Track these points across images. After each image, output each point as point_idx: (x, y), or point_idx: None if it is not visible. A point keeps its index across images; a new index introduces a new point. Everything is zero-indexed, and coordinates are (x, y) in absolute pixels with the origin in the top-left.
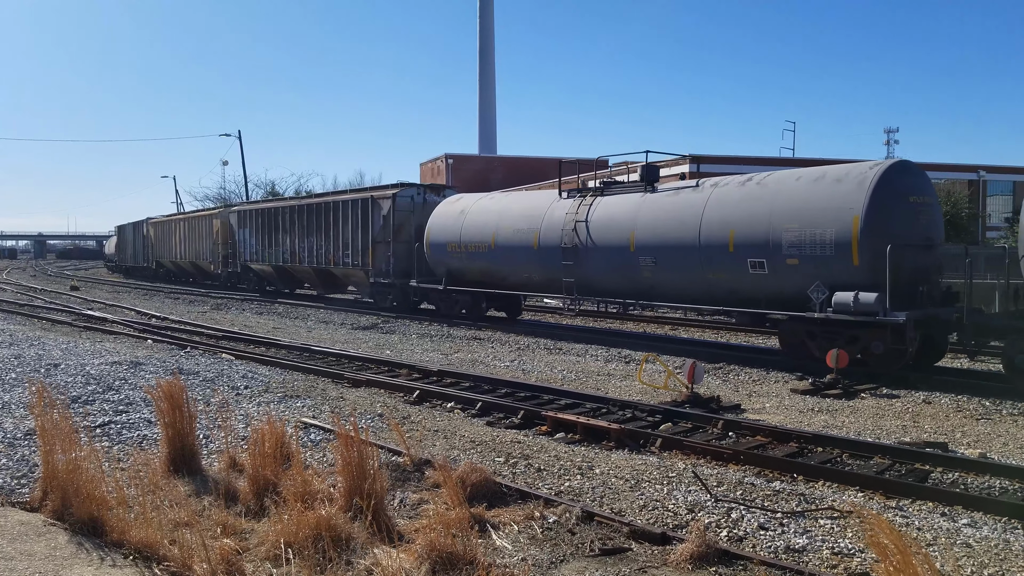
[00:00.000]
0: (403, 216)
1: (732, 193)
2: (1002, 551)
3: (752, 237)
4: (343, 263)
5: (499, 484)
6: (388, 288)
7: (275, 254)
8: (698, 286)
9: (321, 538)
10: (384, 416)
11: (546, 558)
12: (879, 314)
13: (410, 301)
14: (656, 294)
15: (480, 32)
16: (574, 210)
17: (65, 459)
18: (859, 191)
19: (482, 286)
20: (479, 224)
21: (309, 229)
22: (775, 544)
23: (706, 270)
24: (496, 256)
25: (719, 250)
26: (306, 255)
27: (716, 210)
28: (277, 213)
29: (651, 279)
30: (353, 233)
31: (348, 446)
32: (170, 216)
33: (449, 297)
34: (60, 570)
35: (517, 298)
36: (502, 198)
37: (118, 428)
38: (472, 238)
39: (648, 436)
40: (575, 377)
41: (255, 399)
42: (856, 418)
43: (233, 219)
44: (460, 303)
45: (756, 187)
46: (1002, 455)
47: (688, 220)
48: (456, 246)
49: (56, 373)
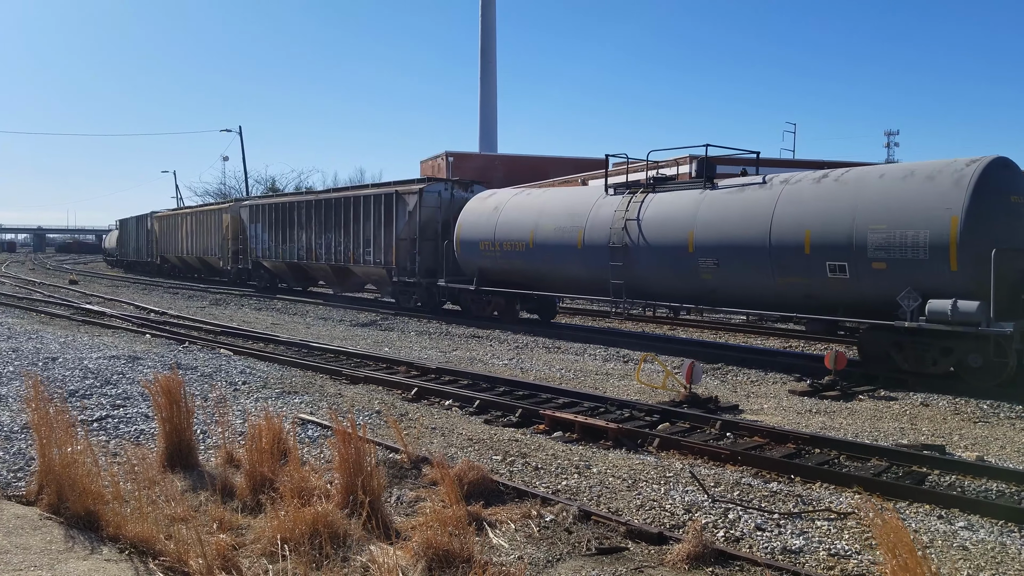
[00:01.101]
0: (430, 212)
1: (806, 190)
2: (998, 554)
3: (832, 238)
4: (363, 260)
5: (496, 482)
6: (412, 287)
7: (289, 250)
8: (766, 290)
9: (318, 534)
10: (382, 413)
11: (543, 557)
12: (981, 324)
13: (436, 301)
14: (716, 298)
15: (482, 30)
16: (623, 207)
17: (61, 453)
18: (957, 189)
19: (516, 287)
20: (515, 221)
21: (327, 225)
22: (772, 545)
23: (776, 273)
24: (534, 255)
25: (792, 252)
26: (323, 252)
27: (789, 208)
28: (292, 208)
29: (712, 282)
30: (375, 230)
31: (345, 443)
32: (176, 210)
33: (480, 298)
34: (55, 564)
35: (551, 300)
36: (540, 194)
37: (115, 422)
38: (507, 236)
39: (646, 436)
40: (573, 376)
41: (253, 395)
42: (854, 420)
43: (244, 214)
44: (492, 304)
45: (834, 184)
46: (999, 458)
47: (756, 219)
48: (489, 244)
49: (54, 367)
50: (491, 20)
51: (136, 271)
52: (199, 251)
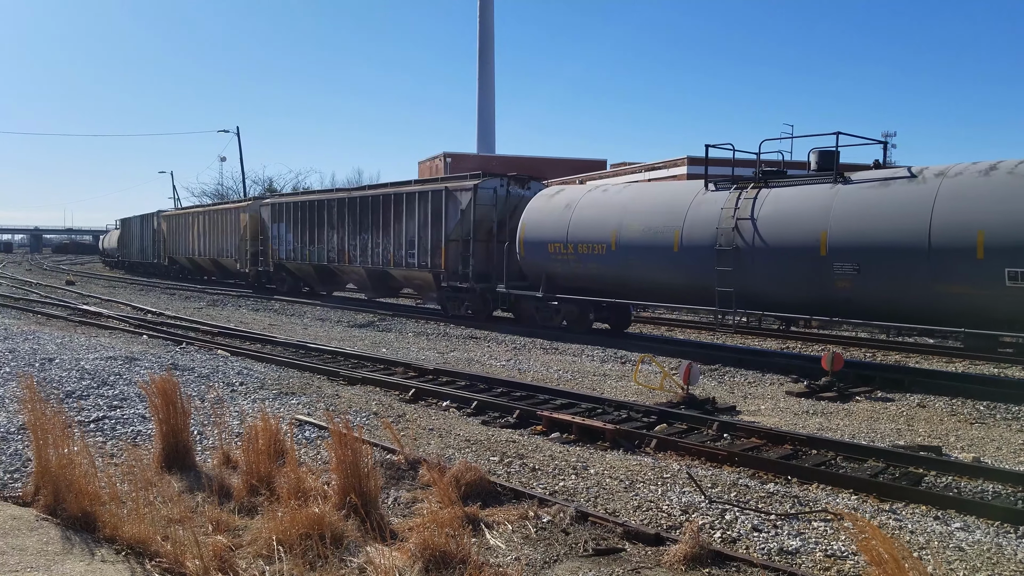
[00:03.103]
0: (484, 211)
1: (975, 185)
2: (994, 555)
3: (1016, 241)
4: (405, 264)
5: (494, 483)
6: (464, 293)
7: (317, 252)
8: (918, 300)
9: (314, 536)
10: (379, 414)
11: (540, 558)
12: None
13: (490, 308)
14: (851, 309)
15: (480, 31)
16: (731, 205)
17: (57, 454)
18: None
19: (590, 293)
20: (593, 220)
21: (362, 225)
22: (768, 546)
23: (936, 281)
24: (617, 259)
25: (959, 256)
26: (357, 254)
27: (953, 206)
28: (322, 206)
29: (848, 291)
30: (420, 230)
31: (342, 444)
32: (187, 209)
33: (547, 306)
34: (52, 565)
35: (626, 308)
36: (621, 190)
37: (112, 423)
38: (584, 237)
39: (643, 437)
40: (571, 377)
41: (250, 396)
42: (851, 421)
43: (266, 213)
44: (562, 313)
45: (1010, 178)
46: (995, 459)
47: (908, 218)
48: (561, 246)
49: (51, 368)
50: (489, 21)
51: (138, 272)
52: (213, 252)
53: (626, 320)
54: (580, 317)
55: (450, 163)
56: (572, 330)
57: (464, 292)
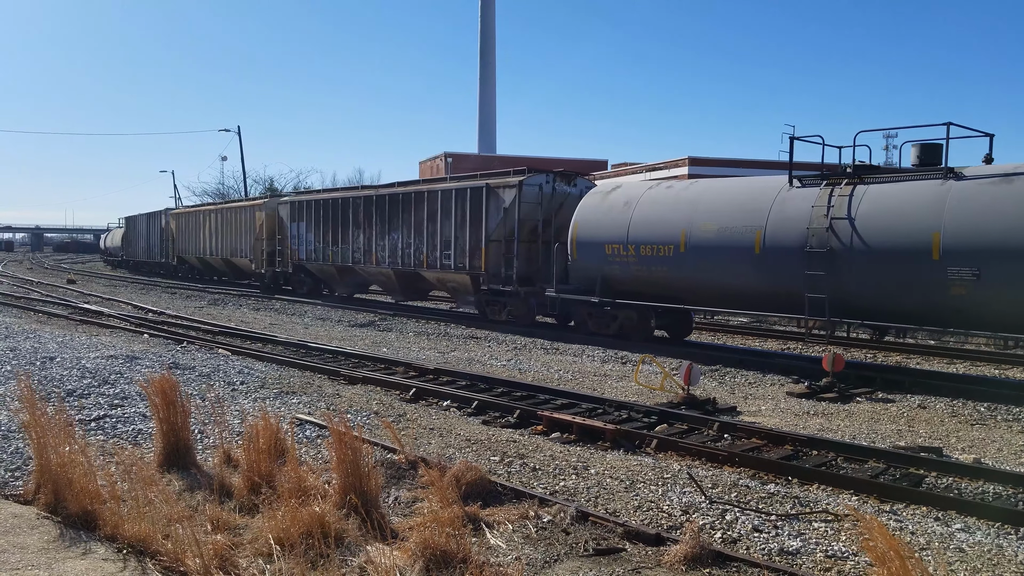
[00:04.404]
0: (529, 209)
1: None
2: (995, 556)
3: None
4: (440, 265)
5: (494, 483)
6: (506, 297)
7: (341, 252)
8: None
9: (315, 535)
10: (380, 413)
11: (540, 557)
12: None
13: (534, 313)
14: (966, 319)
15: (481, 31)
16: (824, 202)
17: (58, 452)
18: None
19: (651, 298)
20: (658, 219)
21: (392, 224)
22: (769, 546)
23: None
24: (686, 262)
25: None
26: (386, 255)
27: None
28: (347, 205)
29: (964, 298)
30: (458, 229)
31: (343, 443)
32: (198, 207)
33: (604, 312)
34: (53, 563)
35: (688, 315)
36: (687, 186)
37: (113, 422)
38: (647, 237)
39: (644, 437)
40: (571, 377)
41: (251, 395)
42: (851, 422)
43: (284, 211)
44: (619, 320)
45: None
46: (996, 460)
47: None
48: (620, 248)
49: (51, 366)
50: (490, 21)
51: (142, 272)
52: (225, 252)
53: (687, 327)
54: (640, 324)
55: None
56: (629, 338)
57: (506, 296)
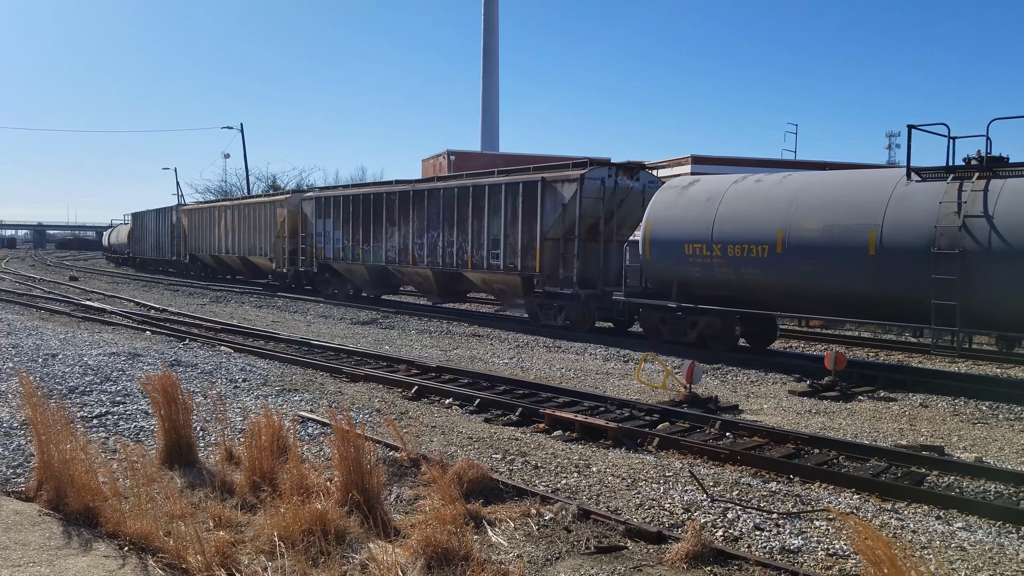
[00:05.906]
0: (590, 205)
1: None
2: (996, 555)
3: None
4: (487, 265)
5: (496, 481)
6: (563, 300)
7: (373, 252)
8: None
9: (317, 532)
10: (382, 411)
11: (542, 555)
12: None
13: (593, 318)
14: None
15: (484, 29)
16: (952, 198)
17: (60, 450)
18: None
19: (737, 304)
20: (749, 216)
21: (431, 221)
22: (770, 545)
23: None
24: (786, 264)
25: None
26: (424, 254)
27: None
28: (380, 200)
29: None
30: (508, 226)
31: (345, 441)
32: (213, 202)
33: (682, 319)
34: (54, 560)
35: (772, 321)
36: (781, 180)
37: (115, 419)
38: (736, 236)
39: (646, 435)
40: (573, 375)
41: (253, 392)
42: (853, 420)
43: (308, 207)
44: (699, 327)
45: None
46: (998, 459)
47: None
48: (703, 248)
49: (54, 363)
50: (494, 19)
51: (148, 270)
52: (243, 250)
53: (771, 334)
54: (724, 331)
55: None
56: (709, 347)
57: (564, 299)
